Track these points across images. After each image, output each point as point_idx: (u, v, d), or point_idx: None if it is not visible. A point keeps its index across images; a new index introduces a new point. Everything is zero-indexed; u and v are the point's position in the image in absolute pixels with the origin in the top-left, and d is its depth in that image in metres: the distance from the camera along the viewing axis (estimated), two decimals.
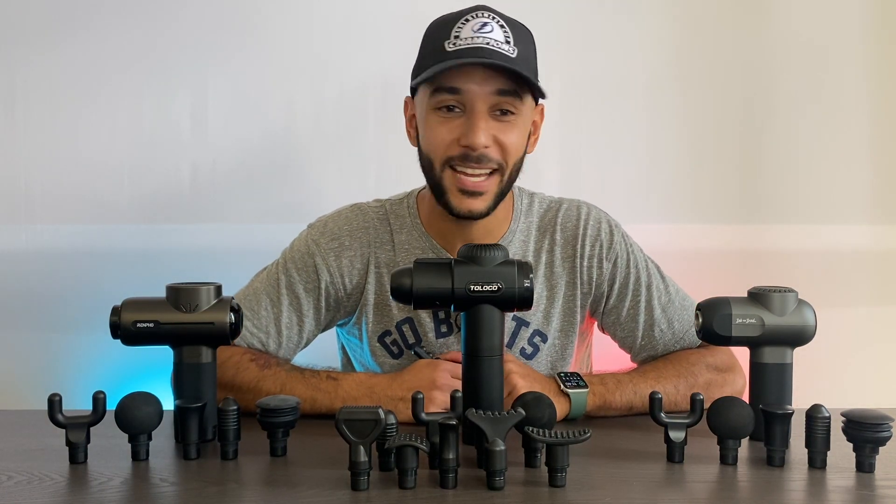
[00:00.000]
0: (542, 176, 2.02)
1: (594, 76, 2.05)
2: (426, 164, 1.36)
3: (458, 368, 1.25)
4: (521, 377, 1.28)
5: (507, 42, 1.28)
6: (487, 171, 1.31)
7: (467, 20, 1.30)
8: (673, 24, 2.06)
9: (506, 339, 1.42)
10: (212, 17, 2.01)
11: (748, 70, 2.06)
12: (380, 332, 1.45)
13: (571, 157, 2.06)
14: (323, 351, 1.57)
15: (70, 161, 2.02)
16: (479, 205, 1.32)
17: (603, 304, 1.46)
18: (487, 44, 1.26)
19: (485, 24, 1.29)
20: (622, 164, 2.07)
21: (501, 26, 1.30)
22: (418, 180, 1.49)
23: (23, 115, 2.01)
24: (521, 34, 1.32)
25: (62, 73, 2.00)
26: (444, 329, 1.43)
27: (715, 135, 2.07)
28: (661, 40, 2.06)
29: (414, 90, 1.38)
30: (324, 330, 1.51)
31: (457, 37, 1.28)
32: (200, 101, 2.02)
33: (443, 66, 1.26)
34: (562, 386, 1.30)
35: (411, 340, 1.44)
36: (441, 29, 1.32)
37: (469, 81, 1.27)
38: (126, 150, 2.02)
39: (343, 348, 1.59)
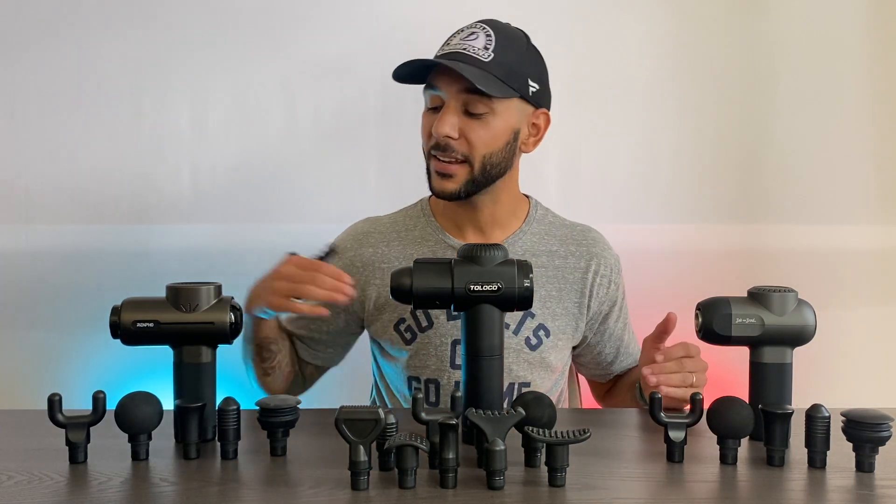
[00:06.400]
0: (543, 176, 2.02)
1: (594, 76, 2.05)
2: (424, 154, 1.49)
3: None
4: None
5: (486, 48, 1.39)
6: (453, 160, 1.41)
7: (462, 30, 1.42)
8: (673, 24, 2.05)
9: (512, 327, 1.46)
10: (212, 18, 2.01)
11: (748, 69, 2.06)
12: (395, 320, 1.50)
13: (571, 156, 2.06)
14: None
15: (70, 161, 2.01)
16: (449, 186, 1.42)
17: (598, 323, 1.55)
18: (464, 49, 1.38)
19: (473, 33, 1.40)
20: (622, 163, 2.07)
21: (488, 35, 1.40)
22: (417, 181, 1.50)
23: (23, 116, 2.01)
24: (508, 42, 1.41)
25: (62, 73, 2.00)
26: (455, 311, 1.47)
27: (715, 134, 2.07)
28: (661, 40, 2.06)
29: None
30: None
31: (447, 44, 1.42)
32: (200, 101, 2.02)
33: (409, 67, 1.39)
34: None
35: (424, 324, 1.48)
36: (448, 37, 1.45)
37: (441, 81, 1.40)
38: (126, 150, 2.02)
39: (375, 359, 1.61)
